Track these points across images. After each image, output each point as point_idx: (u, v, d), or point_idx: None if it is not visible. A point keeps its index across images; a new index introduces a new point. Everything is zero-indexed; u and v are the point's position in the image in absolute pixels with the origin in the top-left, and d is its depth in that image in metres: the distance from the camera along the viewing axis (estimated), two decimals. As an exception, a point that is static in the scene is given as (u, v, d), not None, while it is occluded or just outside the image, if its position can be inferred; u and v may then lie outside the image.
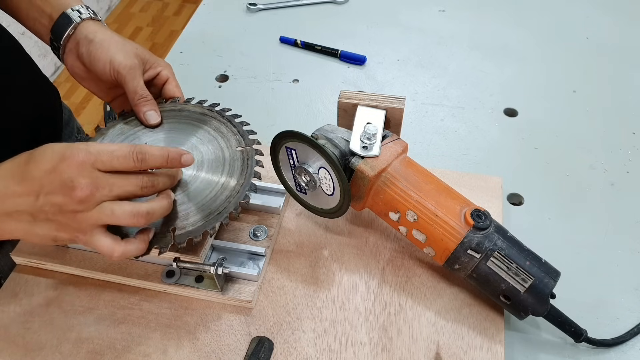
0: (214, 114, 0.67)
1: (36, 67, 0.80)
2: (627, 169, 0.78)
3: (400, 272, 0.64)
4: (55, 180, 0.47)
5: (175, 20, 2.73)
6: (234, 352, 0.58)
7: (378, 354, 0.57)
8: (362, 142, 0.58)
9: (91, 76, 0.66)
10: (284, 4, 1.09)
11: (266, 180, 0.68)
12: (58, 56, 0.68)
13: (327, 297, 0.62)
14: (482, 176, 0.73)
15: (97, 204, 0.48)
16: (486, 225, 0.56)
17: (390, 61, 0.97)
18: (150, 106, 0.64)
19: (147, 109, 0.64)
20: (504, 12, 1.06)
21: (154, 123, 0.64)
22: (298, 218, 0.70)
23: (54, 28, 0.66)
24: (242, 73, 0.95)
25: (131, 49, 0.65)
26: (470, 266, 0.56)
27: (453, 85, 0.92)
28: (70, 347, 0.58)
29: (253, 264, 0.63)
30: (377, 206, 0.61)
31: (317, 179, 0.59)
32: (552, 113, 0.87)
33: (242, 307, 0.61)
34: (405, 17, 1.05)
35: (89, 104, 2.34)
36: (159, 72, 0.68)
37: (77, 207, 0.48)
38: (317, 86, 0.93)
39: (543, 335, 0.61)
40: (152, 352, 0.58)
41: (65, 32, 0.65)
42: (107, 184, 0.49)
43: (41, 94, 0.81)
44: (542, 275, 0.55)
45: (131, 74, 0.63)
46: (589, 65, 0.94)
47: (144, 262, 0.63)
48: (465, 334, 0.58)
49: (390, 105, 0.63)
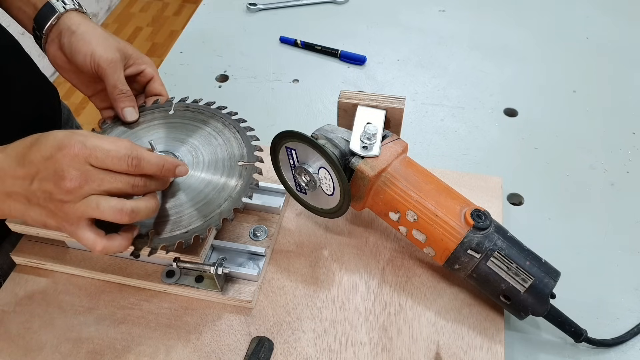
0: (218, 115, 0.67)
1: (35, 67, 0.80)
2: (627, 169, 0.78)
3: (400, 272, 0.64)
4: (49, 168, 0.48)
5: (175, 20, 2.73)
6: (234, 352, 0.58)
7: (378, 354, 0.57)
8: (362, 142, 0.58)
9: (72, 68, 0.66)
10: (284, 4, 1.09)
11: (266, 180, 0.68)
12: (40, 46, 0.68)
13: (327, 297, 0.62)
14: (482, 176, 0.73)
15: (84, 196, 0.49)
16: (486, 225, 0.56)
17: (390, 61, 0.97)
18: (129, 102, 0.64)
19: (125, 104, 0.64)
20: (504, 12, 1.06)
21: (131, 120, 0.64)
22: (298, 218, 0.70)
23: (37, 17, 0.65)
24: (242, 73, 0.95)
25: (113, 42, 0.65)
26: (470, 266, 0.56)
27: (453, 85, 0.92)
28: (70, 347, 0.58)
29: (253, 264, 0.63)
30: (377, 206, 0.61)
31: (317, 179, 0.59)
32: (552, 113, 0.87)
33: (242, 307, 0.61)
34: (405, 17, 1.05)
35: (89, 104, 2.33)
36: (143, 69, 0.68)
37: (64, 197, 0.48)
38: (317, 86, 0.93)
39: (543, 335, 0.61)
40: (152, 352, 0.58)
41: (48, 22, 0.65)
42: (97, 179, 0.49)
43: (40, 93, 0.81)
44: (542, 275, 0.55)
45: (112, 67, 0.63)
46: (589, 65, 0.94)
47: (144, 262, 0.63)
48: (465, 334, 0.58)
49: (390, 105, 0.63)
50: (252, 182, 0.59)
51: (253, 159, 0.62)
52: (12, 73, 0.73)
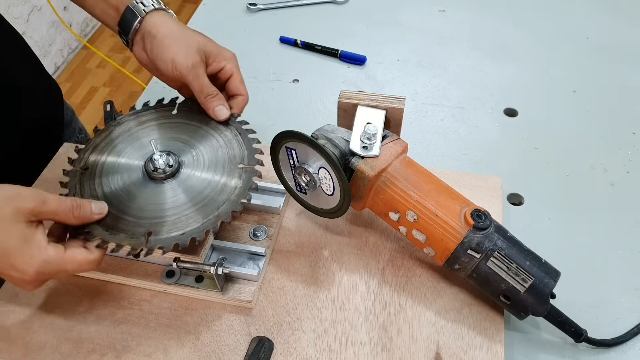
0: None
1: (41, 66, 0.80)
2: (627, 169, 0.78)
3: (400, 272, 0.64)
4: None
5: (175, 20, 2.73)
6: (234, 352, 0.58)
7: (378, 354, 0.57)
8: (362, 142, 0.58)
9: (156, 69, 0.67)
10: (284, 4, 1.09)
11: (266, 180, 0.68)
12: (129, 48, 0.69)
13: (327, 297, 0.62)
14: (482, 176, 0.73)
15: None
16: (486, 225, 0.56)
17: (390, 61, 0.97)
18: (218, 101, 0.65)
19: (215, 104, 0.64)
20: (504, 12, 1.06)
21: (224, 118, 0.65)
22: (298, 218, 0.70)
23: (122, 23, 0.67)
24: (242, 73, 0.95)
25: (194, 43, 0.65)
26: (470, 266, 0.56)
27: (453, 85, 0.92)
28: (70, 347, 0.58)
29: (253, 264, 0.63)
30: (377, 206, 0.61)
31: (317, 179, 0.59)
32: (552, 113, 0.87)
33: (242, 307, 0.61)
34: (405, 17, 1.05)
35: (89, 104, 2.34)
36: (223, 66, 0.68)
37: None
38: (317, 86, 0.93)
39: (543, 335, 0.61)
40: (152, 352, 0.58)
41: (132, 28, 0.66)
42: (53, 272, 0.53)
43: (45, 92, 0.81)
44: (542, 275, 0.55)
45: (193, 73, 0.63)
46: (589, 65, 0.94)
47: (144, 262, 0.63)
48: (465, 334, 0.58)
49: (390, 105, 0.63)
50: (251, 185, 0.59)
51: (254, 162, 0.62)
52: (20, 73, 0.73)
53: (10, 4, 2.12)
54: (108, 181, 0.61)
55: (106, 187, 0.60)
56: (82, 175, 0.62)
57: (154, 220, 0.57)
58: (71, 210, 0.54)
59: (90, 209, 0.55)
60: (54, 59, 2.41)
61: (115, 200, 0.59)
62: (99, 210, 0.56)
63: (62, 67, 2.48)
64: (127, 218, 0.57)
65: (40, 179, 0.72)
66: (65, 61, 2.50)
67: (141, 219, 0.57)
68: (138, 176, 0.61)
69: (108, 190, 0.60)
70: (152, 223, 0.57)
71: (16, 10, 2.16)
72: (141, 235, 0.56)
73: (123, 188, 0.60)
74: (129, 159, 0.63)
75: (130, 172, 0.62)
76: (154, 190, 0.60)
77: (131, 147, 0.64)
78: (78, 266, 0.53)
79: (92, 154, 0.64)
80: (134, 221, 0.57)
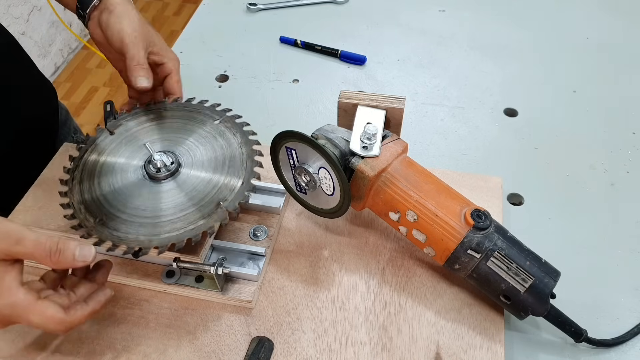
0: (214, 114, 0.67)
1: (34, 67, 0.80)
2: (627, 169, 0.78)
3: (400, 272, 0.64)
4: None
5: (175, 20, 2.73)
6: (234, 352, 0.58)
7: (378, 354, 0.57)
8: (362, 142, 0.58)
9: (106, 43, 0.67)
10: (284, 4, 1.09)
11: (266, 180, 0.68)
12: (84, 23, 0.69)
13: (327, 297, 0.62)
14: (482, 176, 0.73)
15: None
16: (486, 225, 0.56)
17: (390, 61, 0.97)
18: (144, 72, 0.64)
19: (141, 73, 0.64)
20: (504, 12, 1.06)
21: (141, 86, 0.64)
22: (298, 218, 0.70)
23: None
24: (242, 73, 0.95)
25: (144, 27, 0.66)
26: (471, 266, 0.56)
27: (453, 85, 0.92)
28: (70, 347, 0.58)
29: (253, 264, 0.63)
30: (377, 206, 0.61)
31: (317, 179, 0.59)
32: (552, 113, 0.86)
33: (242, 307, 0.61)
34: (405, 17, 1.05)
35: (89, 104, 2.34)
36: (164, 63, 0.68)
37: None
38: (317, 86, 0.93)
39: (543, 335, 0.61)
40: (152, 352, 0.58)
41: (91, 3, 0.67)
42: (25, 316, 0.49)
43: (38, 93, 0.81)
44: (542, 275, 0.55)
45: (133, 42, 0.64)
46: (589, 65, 0.94)
47: (144, 262, 0.63)
48: (465, 334, 0.58)
49: (390, 105, 0.63)
50: (250, 186, 0.59)
51: (254, 163, 0.62)
52: (10, 72, 0.73)
53: (10, 4, 2.13)
54: (108, 181, 0.61)
55: (105, 187, 0.60)
56: (83, 172, 0.62)
57: (152, 220, 0.57)
58: (49, 255, 0.48)
59: (72, 255, 0.49)
60: (54, 59, 2.41)
61: (114, 199, 0.59)
62: (82, 258, 0.50)
63: (62, 67, 2.48)
64: (125, 217, 0.58)
65: (40, 179, 0.72)
66: (65, 61, 2.50)
67: (140, 218, 0.57)
68: (137, 176, 0.61)
69: (107, 190, 0.60)
70: (150, 223, 0.57)
71: (16, 10, 2.16)
72: (139, 235, 0.56)
73: (122, 188, 0.60)
74: (128, 159, 0.63)
75: (130, 172, 0.62)
76: (152, 190, 0.60)
77: (131, 147, 0.64)
78: (44, 321, 0.48)
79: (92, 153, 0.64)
80: (132, 220, 0.57)
